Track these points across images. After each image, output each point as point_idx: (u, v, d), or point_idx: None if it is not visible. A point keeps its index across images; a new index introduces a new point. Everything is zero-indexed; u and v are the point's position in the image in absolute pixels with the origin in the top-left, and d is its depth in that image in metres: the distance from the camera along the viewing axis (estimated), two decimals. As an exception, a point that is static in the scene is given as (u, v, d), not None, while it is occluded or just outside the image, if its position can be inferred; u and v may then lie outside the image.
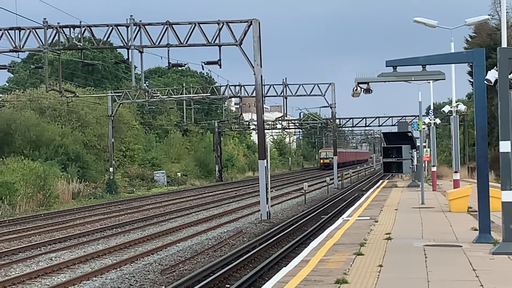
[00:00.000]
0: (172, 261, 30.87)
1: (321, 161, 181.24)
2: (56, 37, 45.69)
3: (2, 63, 48.13)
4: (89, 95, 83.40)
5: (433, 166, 59.72)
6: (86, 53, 65.37)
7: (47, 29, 45.13)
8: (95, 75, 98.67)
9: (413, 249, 21.89)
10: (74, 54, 60.25)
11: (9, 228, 45.72)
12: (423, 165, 51.11)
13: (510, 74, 20.61)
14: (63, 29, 45.60)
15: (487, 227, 22.75)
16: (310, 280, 16.65)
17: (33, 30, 45.07)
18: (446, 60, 28.33)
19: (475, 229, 24.33)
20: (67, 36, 46.04)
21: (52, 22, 45.34)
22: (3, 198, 58.59)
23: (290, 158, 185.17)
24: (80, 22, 46.21)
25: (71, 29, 46.06)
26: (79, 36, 46.56)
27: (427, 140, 55.03)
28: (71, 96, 65.48)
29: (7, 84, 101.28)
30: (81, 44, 47.85)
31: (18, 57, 63.78)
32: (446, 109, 58.07)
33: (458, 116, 51.11)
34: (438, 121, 68.26)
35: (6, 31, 44.57)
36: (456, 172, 48.86)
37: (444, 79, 25.61)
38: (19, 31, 44.72)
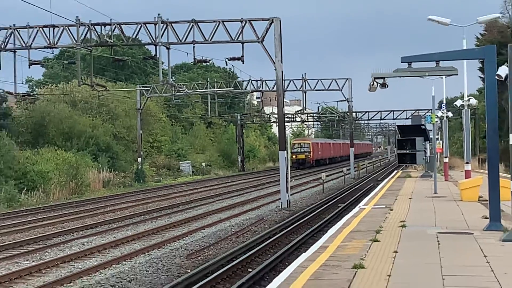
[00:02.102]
0: (197, 246, 30.91)
1: (293, 156, 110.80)
2: (88, 34, 45.78)
3: (37, 59, 48.15)
4: (119, 89, 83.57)
5: (445, 157, 59.53)
6: (116, 50, 65.10)
7: (79, 27, 45.22)
8: (125, 70, 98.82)
9: (426, 236, 21.82)
10: (105, 50, 60.13)
11: (44, 214, 45.87)
12: (436, 157, 50.94)
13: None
14: (95, 26, 45.68)
15: (497, 215, 22.67)
16: (328, 265, 16.63)
17: (67, 27, 45.14)
18: (459, 56, 28.22)
19: (486, 217, 24.21)
20: (99, 33, 46.12)
21: (84, 20, 45.46)
22: (38, 186, 58.84)
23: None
24: (111, 20, 46.32)
25: (102, 26, 46.13)
26: (110, 33, 46.66)
27: (439, 132, 54.78)
28: (102, 90, 65.59)
29: (41, 78, 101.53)
30: (112, 41, 47.98)
31: (52, 53, 64.03)
32: (458, 103, 57.98)
33: (469, 110, 50.91)
34: (450, 114, 68.17)
35: (41, 29, 44.67)
36: (467, 163, 48.70)
37: (457, 75, 25.56)
38: (53, 29, 44.81)
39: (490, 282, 14.34)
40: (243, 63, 46.84)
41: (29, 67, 48.45)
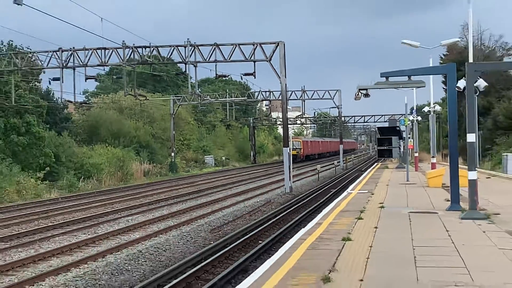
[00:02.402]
0: (218, 223, 30.97)
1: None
2: (132, 55, 45.82)
3: (92, 75, 48.22)
4: (156, 98, 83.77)
5: (416, 152, 59.47)
6: (154, 67, 65.28)
7: (125, 49, 45.27)
8: (161, 83, 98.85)
9: (400, 215, 21.78)
10: (145, 67, 60.25)
11: (97, 198, 45.97)
12: (408, 152, 50.86)
13: (474, 83, 20.63)
14: (137, 48, 45.73)
15: (457, 199, 22.68)
16: (323, 238, 16.65)
17: (115, 50, 45.22)
18: (426, 72, 28.23)
19: (448, 200, 24.17)
20: (140, 54, 46.17)
21: (129, 44, 45.49)
22: (92, 175, 59.00)
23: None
24: (150, 43, 46.37)
25: (143, 48, 46.18)
26: (149, 54, 46.69)
27: (411, 132, 54.68)
28: (143, 99, 65.59)
29: (95, 90, 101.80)
30: (151, 60, 48.03)
31: (104, 70, 64.04)
32: (426, 109, 57.85)
33: (434, 115, 50.91)
34: (419, 118, 67.95)
35: (95, 51, 44.75)
36: (433, 157, 48.85)
37: (424, 86, 25.48)
38: (105, 51, 44.89)
39: (451, 251, 14.40)
40: (254, 78, 46.98)
41: (85, 81, 48.75)
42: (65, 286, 17.41)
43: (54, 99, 64.25)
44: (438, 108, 55.12)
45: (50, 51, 46.05)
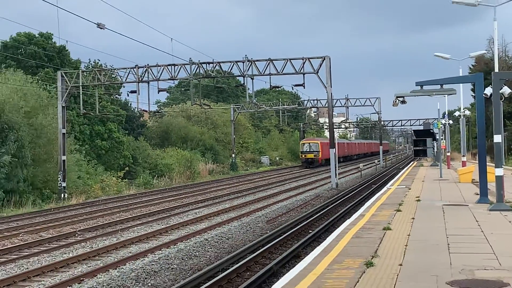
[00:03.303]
0: (273, 215, 30.97)
1: (302, 156, 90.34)
2: (198, 70, 46.08)
3: (163, 87, 48.66)
4: (219, 107, 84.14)
5: (448, 152, 58.86)
6: (217, 80, 65.54)
7: (192, 65, 45.55)
8: (223, 94, 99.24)
9: (435, 207, 21.57)
10: (209, 80, 60.55)
11: (168, 193, 46.38)
12: (441, 151, 50.34)
13: (500, 90, 20.38)
14: (202, 64, 45.98)
15: (485, 192, 22.44)
16: (366, 228, 16.57)
17: (183, 65, 45.53)
18: (457, 81, 27.86)
19: (477, 194, 23.94)
20: (205, 69, 46.42)
21: (195, 60, 45.77)
22: (164, 174, 59.61)
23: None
24: (213, 59, 46.57)
25: (207, 64, 46.42)
26: (212, 69, 46.90)
27: (443, 134, 54.15)
28: (207, 108, 65.93)
29: (166, 101, 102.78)
30: (214, 74, 48.23)
31: (173, 83, 64.54)
32: (456, 114, 57.30)
33: (464, 119, 50.18)
34: (451, 122, 67.06)
35: (166, 67, 45.12)
36: (463, 156, 48.18)
37: (455, 94, 25.18)
38: (174, 67, 45.21)
39: (480, 239, 14.24)
40: (304, 88, 46.81)
41: (158, 93, 49.16)
42: (143, 269, 17.59)
43: (132, 109, 65.01)
44: (467, 112, 54.56)
45: (128, 68, 46.61)
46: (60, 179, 43.84)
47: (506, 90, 20.90)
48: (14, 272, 17.49)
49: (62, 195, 43.17)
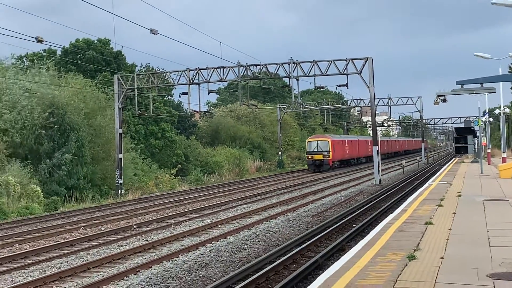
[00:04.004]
0: (318, 209, 30.89)
1: (309, 157, 69.75)
2: (245, 72, 46.20)
3: (213, 89, 48.99)
4: (266, 107, 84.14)
5: (488, 148, 58.06)
6: (264, 81, 65.70)
7: (239, 67, 45.71)
8: (269, 94, 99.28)
9: (476, 202, 21.27)
10: (256, 82, 60.57)
11: (218, 189, 46.63)
12: (482, 148, 49.64)
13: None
14: (250, 66, 46.07)
15: (525, 188, 22.11)
16: (408, 223, 16.44)
17: (232, 68, 45.70)
18: (497, 80, 27.38)
19: (517, 189, 23.56)
20: (252, 71, 46.48)
21: (243, 63, 45.91)
22: (214, 171, 59.94)
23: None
24: (260, 62, 46.62)
25: (254, 66, 46.49)
26: (259, 70, 46.93)
27: (484, 131, 53.42)
28: (255, 108, 66.11)
29: (216, 101, 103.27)
30: (261, 76, 48.29)
31: (222, 85, 64.91)
32: (497, 111, 56.49)
33: (504, 116, 49.43)
34: (491, 119, 66.12)
35: (215, 69, 45.35)
36: (504, 152, 47.52)
37: (495, 92, 24.88)
38: (223, 69, 45.41)
39: (521, 233, 14.02)
40: (347, 88, 46.50)
41: (208, 94, 49.69)
42: (195, 261, 17.72)
43: (183, 110, 65.54)
44: (507, 110, 53.81)
45: (180, 71, 46.97)
46: (117, 176, 44.45)
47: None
48: (75, 264, 17.79)
49: (119, 191, 43.75)
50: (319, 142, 67.88)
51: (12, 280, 16.06)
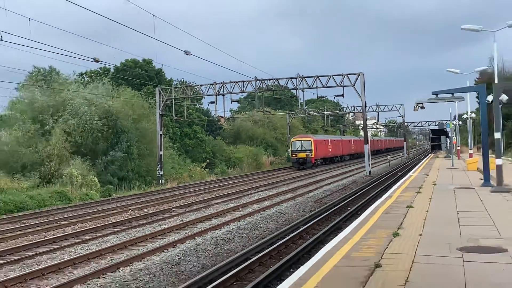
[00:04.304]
0: (320, 196, 30.80)
1: (293, 155, 61.64)
2: (261, 85, 46.18)
3: (235, 98, 49.06)
4: (277, 113, 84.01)
5: (458, 146, 57.83)
6: (276, 92, 65.56)
7: (256, 81, 45.71)
8: (280, 103, 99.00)
9: (448, 189, 21.13)
10: (270, 93, 60.45)
11: (239, 179, 46.51)
12: (452, 146, 49.37)
13: (499, 97, 20.05)
14: (264, 80, 46.07)
15: (488, 178, 21.95)
16: (393, 206, 16.38)
17: (250, 82, 45.70)
18: (465, 90, 27.27)
19: (481, 179, 23.38)
20: (266, 84, 46.43)
21: (259, 77, 45.93)
22: (236, 165, 59.96)
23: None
24: (272, 76, 46.59)
25: (268, 80, 46.45)
26: (272, 83, 46.85)
27: (454, 132, 53.17)
28: (268, 114, 66.14)
29: (237, 109, 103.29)
30: (273, 88, 48.19)
31: (243, 95, 64.81)
32: (465, 116, 56.04)
33: (471, 120, 49.06)
34: (460, 123, 65.62)
35: (237, 83, 45.39)
36: (470, 149, 47.11)
37: (463, 100, 24.70)
38: (243, 83, 45.44)
39: (484, 214, 13.94)
40: (343, 98, 46.96)
41: (231, 103, 49.95)
42: (220, 237, 17.77)
43: (211, 115, 65.72)
44: (473, 115, 53.33)
45: (208, 84, 47.07)
46: (158, 169, 44.66)
47: (504, 97, 20.60)
48: (125, 239, 17.90)
49: (160, 181, 43.94)
50: (302, 141, 61.39)
51: (74, 252, 16.20)
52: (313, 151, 60.30)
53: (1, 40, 20.52)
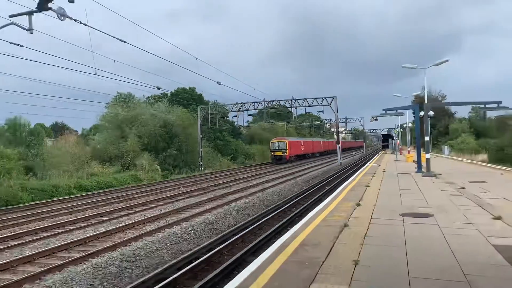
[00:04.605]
0: (307, 178, 30.54)
1: (273, 153, 53.80)
2: (268, 104, 46.06)
3: (250, 113, 48.99)
4: (278, 124, 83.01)
5: (400, 146, 57.10)
6: (278, 109, 65.20)
7: (264, 102, 45.56)
8: (280, 116, 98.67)
9: (394, 175, 20.90)
10: (274, 110, 60.32)
11: (253, 168, 46.12)
12: (396, 146, 48.90)
13: (428, 112, 19.91)
14: (270, 101, 45.95)
15: (420, 167, 21.75)
16: (356, 185, 16.26)
17: (260, 102, 45.61)
18: (405, 108, 26.96)
19: (416, 168, 23.06)
20: (272, 104, 46.26)
21: (266, 99, 45.77)
22: (251, 157, 59.69)
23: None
24: (275, 98, 46.54)
25: (273, 101, 46.32)
26: (275, 103, 46.64)
27: (398, 136, 52.75)
28: (272, 124, 65.92)
29: (251, 120, 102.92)
30: (276, 106, 48.00)
31: (255, 111, 64.63)
32: (405, 125, 55.51)
33: (408, 128, 48.61)
34: (401, 129, 65.02)
35: (251, 103, 45.20)
36: (408, 148, 46.66)
37: (404, 115, 24.61)
38: (256, 103, 45.28)
39: (418, 191, 13.77)
40: (323, 113, 46.27)
41: (248, 116, 49.82)
42: (240, 206, 17.74)
43: (235, 125, 65.65)
44: (410, 125, 52.87)
45: (232, 104, 47.17)
46: (199, 160, 44.72)
47: (431, 112, 20.51)
48: (177, 207, 17.95)
49: (200, 168, 43.99)
50: (279, 142, 55.44)
51: (144, 216, 16.30)
52: (287, 150, 53.92)
53: (96, 74, 20.73)
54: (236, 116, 47.53)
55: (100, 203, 19.92)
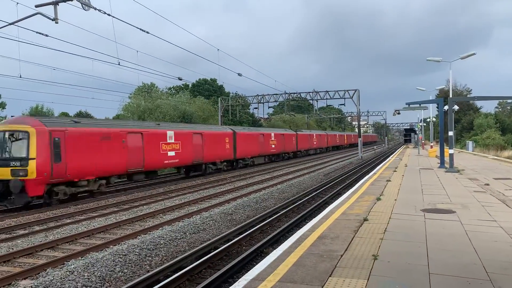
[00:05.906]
0: (327, 172, 30.29)
1: None
2: (289, 96, 45.84)
3: (271, 105, 48.87)
4: (299, 116, 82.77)
5: (423, 140, 56.16)
6: (299, 102, 64.86)
7: (285, 94, 45.35)
8: (301, 109, 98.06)
9: (415, 169, 20.65)
10: (295, 102, 60.03)
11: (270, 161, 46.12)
12: (419, 140, 48.06)
13: (453, 107, 19.45)
14: (291, 93, 45.69)
15: (443, 162, 21.36)
16: (377, 180, 16.12)
17: (281, 94, 45.34)
18: (428, 102, 26.36)
19: (438, 163, 22.70)
20: (292, 96, 45.99)
21: (287, 91, 45.54)
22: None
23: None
24: (297, 91, 46.44)
25: (294, 93, 46.02)
26: (296, 96, 46.36)
27: (420, 131, 51.82)
28: (293, 116, 65.43)
29: (272, 112, 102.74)
30: (297, 98, 47.72)
31: (276, 103, 64.46)
32: (428, 120, 54.38)
33: (433, 122, 47.69)
34: (425, 124, 63.82)
35: (272, 95, 45.07)
36: (431, 143, 45.92)
37: (427, 109, 24.04)
38: (277, 95, 45.08)
39: (440, 187, 13.59)
40: (344, 106, 46.10)
41: (268, 108, 50.06)
42: (260, 197, 17.78)
43: (255, 116, 65.71)
44: (434, 119, 51.88)
45: (253, 96, 47.09)
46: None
47: (456, 107, 20.11)
48: (197, 197, 18.10)
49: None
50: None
51: (164, 204, 16.48)
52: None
53: (119, 64, 21.01)
54: (256, 108, 47.41)
55: (122, 192, 20.31)
